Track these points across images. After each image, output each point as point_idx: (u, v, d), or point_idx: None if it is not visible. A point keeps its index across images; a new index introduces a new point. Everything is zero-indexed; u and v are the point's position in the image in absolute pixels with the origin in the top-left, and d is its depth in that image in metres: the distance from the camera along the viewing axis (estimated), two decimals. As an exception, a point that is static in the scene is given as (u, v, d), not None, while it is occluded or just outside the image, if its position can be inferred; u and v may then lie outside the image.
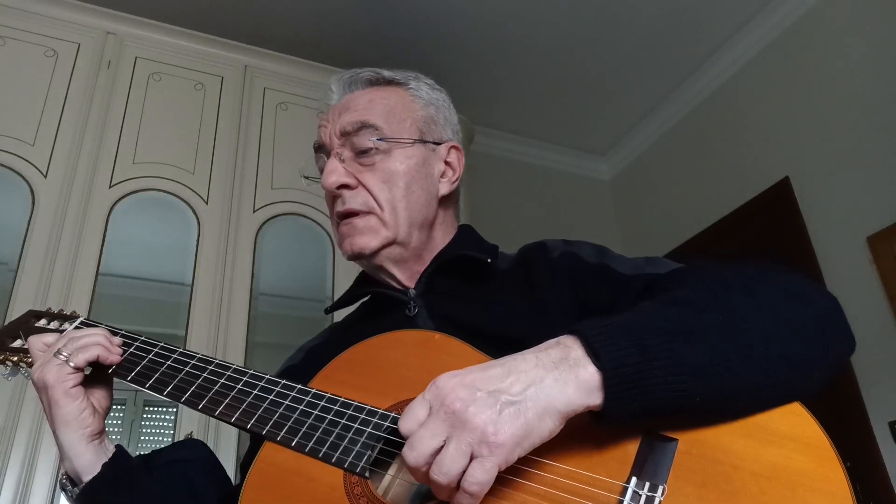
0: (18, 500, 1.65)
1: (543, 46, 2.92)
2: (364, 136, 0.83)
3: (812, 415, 0.55)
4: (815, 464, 0.52)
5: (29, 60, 2.17)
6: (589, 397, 0.53)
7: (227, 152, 2.31)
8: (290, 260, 2.47)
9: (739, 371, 0.55)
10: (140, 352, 0.79)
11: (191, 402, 0.73)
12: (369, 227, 0.82)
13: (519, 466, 0.56)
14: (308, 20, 2.70)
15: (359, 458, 0.63)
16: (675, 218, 3.16)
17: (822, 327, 0.61)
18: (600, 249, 0.82)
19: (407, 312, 0.83)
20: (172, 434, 1.95)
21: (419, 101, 0.89)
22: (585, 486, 0.55)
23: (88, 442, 0.74)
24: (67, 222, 1.99)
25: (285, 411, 0.69)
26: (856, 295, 2.21)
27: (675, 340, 0.55)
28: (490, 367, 0.55)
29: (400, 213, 0.82)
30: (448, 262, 0.84)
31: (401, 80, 0.90)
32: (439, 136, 0.89)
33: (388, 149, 0.83)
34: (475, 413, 0.51)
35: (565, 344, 0.55)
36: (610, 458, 0.56)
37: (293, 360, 0.91)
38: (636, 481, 0.54)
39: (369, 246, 0.82)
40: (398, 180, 0.83)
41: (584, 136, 3.56)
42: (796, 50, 2.67)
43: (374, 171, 0.83)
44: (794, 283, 0.64)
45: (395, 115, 0.86)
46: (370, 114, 0.85)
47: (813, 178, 2.51)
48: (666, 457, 0.55)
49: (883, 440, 2.13)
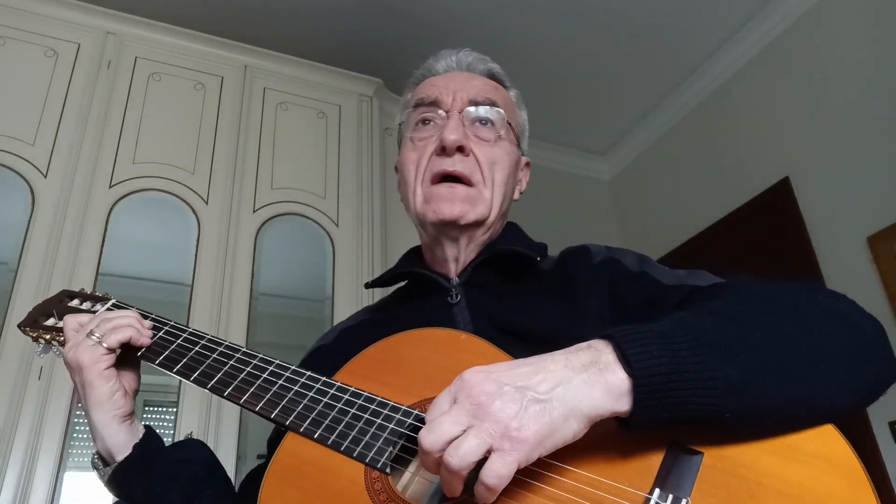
0: (18, 500, 1.65)
1: (543, 47, 2.92)
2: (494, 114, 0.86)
3: (843, 435, 0.54)
4: (844, 486, 0.51)
5: (29, 60, 2.16)
6: (617, 403, 0.52)
7: (227, 152, 2.31)
8: (290, 260, 2.47)
9: (774, 391, 0.54)
10: (169, 336, 0.80)
11: (216, 389, 0.73)
12: (471, 197, 0.83)
13: (541, 470, 0.55)
14: (308, 20, 2.70)
15: (380, 454, 0.63)
16: (675, 218, 3.16)
17: (865, 353, 0.59)
18: (643, 259, 0.82)
19: (449, 300, 0.83)
20: (172, 434, 1.95)
21: (521, 110, 0.96)
22: (607, 494, 0.54)
23: (121, 422, 0.75)
24: (67, 222, 1.99)
25: (310, 402, 0.69)
26: (856, 295, 2.18)
27: (709, 353, 0.53)
28: (518, 365, 0.55)
29: (497, 197, 0.85)
30: (496, 256, 0.85)
31: (508, 85, 0.95)
32: (525, 147, 0.96)
33: (502, 136, 0.87)
34: (501, 407, 0.50)
35: (596, 348, 0.55)
36: (633, 467, 0.55)
37: (325, 339, 0.92)
38: (659, 493, 0.52)
39: (466, 216, 0.82)
40: (504, 167, 0.86)
41: (584, 136, 3.56)
42: (796, 50, 2.67)
43: (488, 148, 0.85)
44: (839, 304, 0.63)
45: (510, 112, 0.90)
46: (498, 98, 0.88)
47: (813, 178, 2.51)
48: (691, 470, 0.53)
49: (883, 440, 2.13)
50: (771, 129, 2.73)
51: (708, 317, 0.58)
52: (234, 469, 1.84)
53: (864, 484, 0.51)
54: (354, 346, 0.75)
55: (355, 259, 2.31)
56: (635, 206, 3.53)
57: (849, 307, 0.63)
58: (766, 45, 2.80)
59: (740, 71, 2.92)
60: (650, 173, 3.45)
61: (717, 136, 3.02)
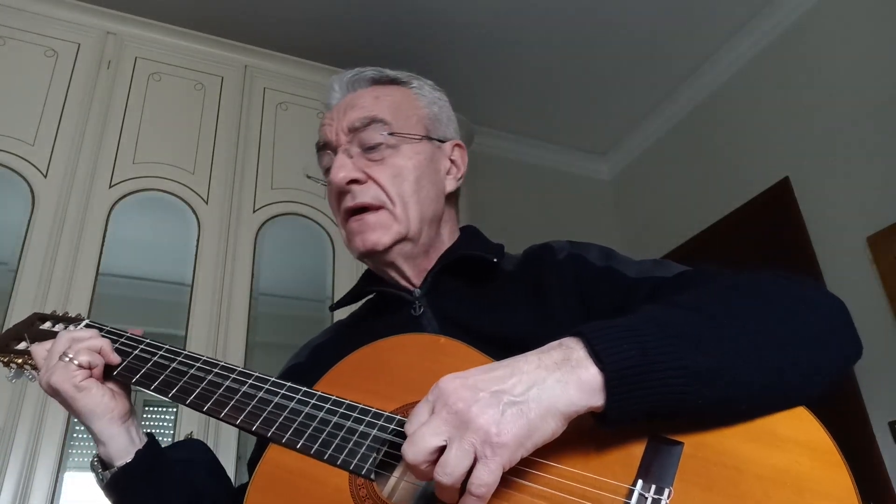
0: (18, 500, 1.65)
1: (544, 46, 2.92)
2: (373, 130, 0.83)
3: (818, 419, 0.55)
4: (821, 468, 0.52)
5: (29, 60, 2.16)
6: (591, 398, 0.53)
7: (227, 152, 2.31)
8: (290, 260, 2.47)
9: (743, 376, 0.55)
10: (145, 354, 0.79)
11: (196, 405, 0.73)
12: (381, 222, 0.82)
13: (525, 468, 0.56)
14: (308, 20, 2.70)
15: (364, 461, 0.63)
16: (675, 218, 3.16)
17: (829, 333, 0.61)
18: (607, 252, 0.81)
19: (412, 312, 0.82)
20: (172, 434, 1.95)
21: (423, 99, 0.90)
22: (591, 488, 0.55)
23: (120, 424, 0.75)
24: (67, 222, 1.99)
25: (290, 414, 0.69)
26: (856, 295, 2.21)
27: (678, 343, 0.55)
28: (492, 369, 0.55)
29: (411, 208, 0.82)
30: (454, 262, 0.84)
31: (403, 79, 0.91)
32: (444, 133, 0.90)
33: (396, 144, 0.84)
34: (478, 413, 0.51)
35: (568, 345, 0.55)
36: (615, 460, 0.56)
37: (298, 358, 0.91)
38: (642, 484, 0.54)
39: (382, 242, 0.81)
40: (408, 175, 0.83)
41: (584, 136, 3.56)
42: (796, 50, 2.67)
43: (383, 165, 0.83)
44: (801, 289, 0.64)
45: (402, 112, 0.86)
46: (378, 109, 0.85)
47: (813, 178, 2.51)
48: (672, 460, 0.55)
49: (883, 440, 2.13)
50: (771, 129, 2.73)
51: (676, 309, 0.60)
52: (234, 469, 1.84)
53: (841, 466, 0.52)
54: (328, 361, 0.75)
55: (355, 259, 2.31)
56: (635, 206, 3.53)
57: (811, 290, 0.64)
58: (767, 45, 2.80)
59: (740, 71, 2.92)
60: (650, 173, 3.45)
61: (717, 136, 3.02)
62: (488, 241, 0.91)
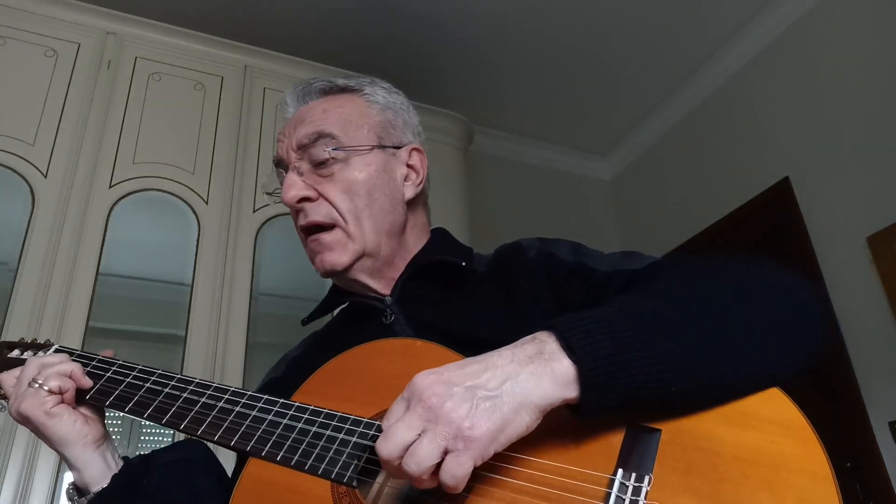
0: (18, 499, 1.65)
1: (544, 47, 2.92)
2: (320, 146, 0.81)
3: (791, 398, 0.56)
4: (796, 445, 0.53)
5: (29, 60, 2.16)
6: (565, 390, 0.53)
7: (227, 152, 2.31)
8: (290, 260, 2.47)
9: (716, 361, 0.56)
10: (118, 376, 0.78)
11: (172, 423, 0.72)
12: (337, 242, 0.81)
13: (504, 464, 0.56)
14: (308, 20, 2.70)
15: (345, 469, 0.63)
16: (675, 218, 3.16)
17: (801, 318, 0.62)
18: (576, 247, 0.81)
19: (384, 320, 0.82)
20: (172, 434, 1.95)
21: (375, 106, 0.87)
22: (573, 480, 0.55)
23: (94, 449, 0.74)
24: (67, 222, 1.99)
25: (269, 427, 0.69)
26: (856, 295, 2.21)
27: (650, 331, 0.55)
28: (466, 364, 0.56)
29: (364, 223, 0.81)
30: (422, 268, 0.83)
31: (355, 86, 0.88)
32: (398, 139, 0.87)
33: (345, 157, 0.81)
34: (452, 408, 0.51)
35: (540, 339, 0.56)
36: (595, 451, 0.57)
37: (275, 371, 0.91)
38: (622, 472, 0.54)
39: (340, 262, 0.80)
40: (359, 189, 0.81)
41: (584, 136, 3.56)
42: (796, 50, 2.67)
43: (333, 181, 0.81)
44: (771, 273, 0.64)
45: (352, 123, 0.84)
46: (325, 124, 0.83)
47: (813, 178, 2.51)
48: (650, 447, 0.55)
49: (883, 440, 2.13)
50: (771, 129, 2.73)
51: (648, 298, 0.60)
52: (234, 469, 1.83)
53: (814, 442, 0.53)
54: (304, 373, 0.75)
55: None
56: (635, 206, 3.53)
57: (777, 273, 0.65)
58: (767, 45, 2.80)
59: (740, 71, 2.93)
60: (650, 173, 3.45)
61: (717, 136, 3.02)
62: (457, 243, 0.91)
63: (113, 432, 2.33)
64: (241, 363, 2.01)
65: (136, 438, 2.18)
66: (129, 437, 2.17)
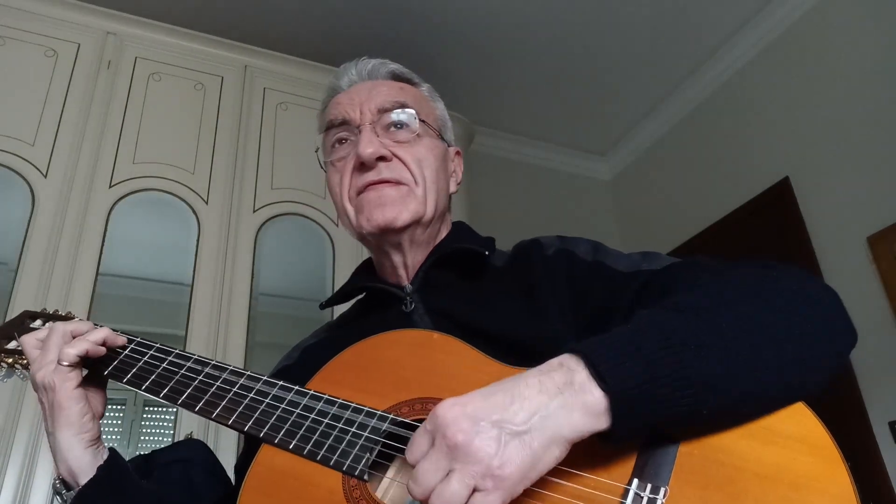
0: (18, 500, 1.65)
1: (544, 47, 2.92)
2: (403, 114, 0.84)
3: (816, 415, 0.55)
4: (819, 465, 0.51)
5: (29, 60, 2.16)
6: (596, 422, 0.52)
7: (227, 152, 2.31)
8: (290, 260, 2.47)
9: (749, 378, 0.54)
10: (135, 353, 0.78)
11: (188, 405, 0.72)
12: (402, 196, 0.81)
13: None
14: (308, 20, 2.70)
15: (357, 461, 0.63)
16: (675, 218, 3.16)
17: (828, 327, 0.60)
18: (596, 246, 0.81)
19: (403, 308, 0.82)
20: (172, 434, 1.95)
21: (435, 102, 0.93)
22: (586, 488, 0.54)
23: (87, 447, 0.73)
24: (67, 222, 1.99)
25: (283, 413, 0.68)
26: (856, 295, 2.21)
27: (682, 353, 0.53)
28: (492, 394, 0.53)
29: (430, 193, 0.83)
30: (445, 256, 0.83)
31: (416, 81, 0.93)
32: (450, 138, 0.93)
33: (420, 134, 0.85)
34: (479, 447, 0.49)
35: (569, 367, 0.54)
36: (610, 460, 0.55)
37: (289, 359, 0.90)
38: (637, 483, 0.53)
39: (401, 218, 0.80)
40: (430, 163, 0.84)
41: (584, 136, 3.56)
42: (796, 50, 2.67)
43: (408, 148, 0.84)
44: (795, 281, 0.63)
45: (424, 107, 0.88)
46: (407, 98, 0.86)
47: (813, 178, 2.51)
48: (667, 459, 0.54)
49: (883, 440, 2.13)
50: (771, 129, 2.73)
51: (674, 314, 0.57)
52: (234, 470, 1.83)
53: (838, 461, 0.51)
54: (318, 363, 0.74)
55: (355, 259, 2.31)
56: (635, 206, 3.53)
57: (804, 282, 0.63)
58: (767, 45, 2.80)
59: (740, 71, 2.93)
60: (650, 173, 3.45)
61: (717, 135, 3.02)
62: (478, 234, 0.91)
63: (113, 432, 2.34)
64: (241, 363, 2.01)
65: (136, 439, 2.18)
66: (129, 436, 2.17)
